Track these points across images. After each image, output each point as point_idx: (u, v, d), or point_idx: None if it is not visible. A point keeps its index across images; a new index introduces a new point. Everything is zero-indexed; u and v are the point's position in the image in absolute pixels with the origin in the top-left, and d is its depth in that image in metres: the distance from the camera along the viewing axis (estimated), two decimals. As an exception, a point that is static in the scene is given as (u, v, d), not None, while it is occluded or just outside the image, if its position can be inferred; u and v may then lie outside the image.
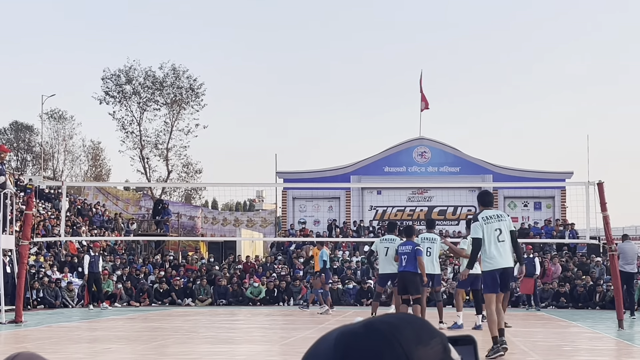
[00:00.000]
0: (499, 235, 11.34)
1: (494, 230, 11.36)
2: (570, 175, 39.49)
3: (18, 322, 18.11)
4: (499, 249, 11.34)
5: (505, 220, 11.57)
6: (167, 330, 17.10)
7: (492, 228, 11.36)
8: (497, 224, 11.39)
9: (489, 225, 11.38)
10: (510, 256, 11.54)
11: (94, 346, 13.08)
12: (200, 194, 64.78)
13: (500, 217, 11.54)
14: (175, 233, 40.36)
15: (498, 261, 11.34)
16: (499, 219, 11.49)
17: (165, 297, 29.89)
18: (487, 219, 11.42)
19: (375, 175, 41.05)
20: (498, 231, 11.35)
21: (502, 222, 11.45)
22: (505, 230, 11.42)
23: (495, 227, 11.37)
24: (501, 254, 11.34)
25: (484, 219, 11.42)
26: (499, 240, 11.33)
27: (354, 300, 29.83)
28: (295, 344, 13.44)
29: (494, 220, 11.42)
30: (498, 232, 11.35)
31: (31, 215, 19.27)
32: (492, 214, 11.55)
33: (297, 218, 41.63)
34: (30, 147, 72.47)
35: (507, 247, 11.41)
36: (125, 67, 54.44)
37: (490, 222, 11.39)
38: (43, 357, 1.33)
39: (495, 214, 11.58)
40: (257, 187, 67.85)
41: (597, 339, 15.52)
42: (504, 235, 11.37)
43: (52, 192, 40.05)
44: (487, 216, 11.47)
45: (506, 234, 11.41)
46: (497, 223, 11.40)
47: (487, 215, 11.50)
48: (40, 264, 28.77)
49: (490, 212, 11.61)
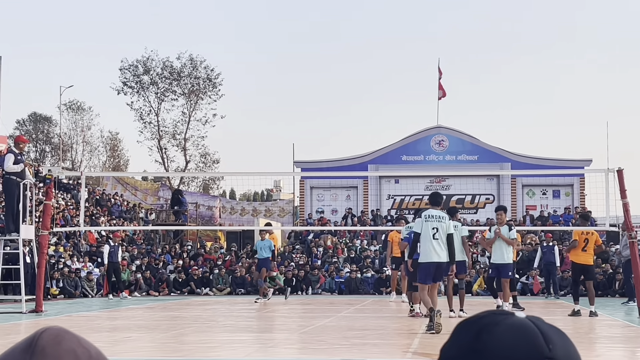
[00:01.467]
0: (434, 233, 12.96)
1: (431, 228, 12.98)
2: (589, 162, 39.24)
3: (38, 311, 18.23)
4: (433, 245, 12.96)
5: (444, 222, 13.13)
6: (186, 319, 17.16)
7: (430, 226, 13.00)
8: (435, 224, 13.02)
9: (428, 223, 13.04)
10: (443, 253, 13.04)
11: (114, 335, 13.15)
12: (218, 184, 64.95)
13: (440, 219, 13.11)
14: (193, 223, 40.45)
15: (432, 255, 12.98)
16: (439, 220, 13.08)
17: (184, 287, 30.01)
18: (427, 217, 13.10)
19: (393, 164, 40.97)
20: (435, 230, 12.97)
21: (440, 223, 13.06)
22: (442, 230, 13.02)
23: (433, 225, 13.00)
24: (435, 250, 12.96)
25: (425, 217, 13.14)
26: (434, 237, 12.97)
27: (372, 290, 29.85)
28: (314, 332, 13.45)
29: (433, 220, 13.04)
30: (435, 231, 12.97)
31: (50, 205, 19.36)
32: (434, 214, 13.13)
33: (314, 207, 41.65)
34: (48, 138, 72.79)
35: (440, 244, 13.01)
36: (143, 58, 54.64)
37: (429, 221, 13.05)
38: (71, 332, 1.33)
39: (436, 215, 13.14)
40: (275, 176, 67.91)
41: (617, 327, 15.45)
42: (439, 234, 12.98)
43: (70, 183, 40.24)
44: (429, 215, 13.14)
45: (442, 233, 13.01)
46: (435, 223, 13.02)
47: (429, 214, 13.15)
48: (60, 254, 28.93)
49: (434, 212, 13.19)
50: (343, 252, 33.85)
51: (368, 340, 12.31)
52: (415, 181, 39.93)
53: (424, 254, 12.99)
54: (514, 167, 39.40)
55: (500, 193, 40.47)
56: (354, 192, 41.89)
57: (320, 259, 33.01)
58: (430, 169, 39.91)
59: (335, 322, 15.88)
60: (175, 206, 39.60)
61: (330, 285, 30.36)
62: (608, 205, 18.46)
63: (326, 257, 33.12)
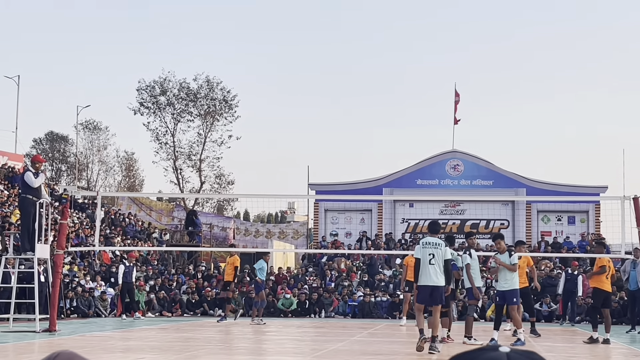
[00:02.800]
0: (431, 259, 13.96)
1: (427, 254, 13.98)
2: (604, 189, 39.12)
3: (52, 331, 18.26)
4: (429, 270, 13.96)
5: (440, 249, 14.03)
6: (199, 340, 17.14)
7: (427, 252, 14.00)
8: (431, 250, 13.98)
9: (425, 249, 14.03)
10: (439, 277, 13.97)
11: (127, 356, 13.15)
12: (233, 205, 65.04)
13: (436, 245, 14.03)
14: (207, 244, 40.49)
15: (428, 279, 13.97)
16: (435, 246, 14.02)
17: (197, 308, 30.00)
18: (425, 244, 14.07)
19: (407, 187, 40.93)
20: (431, 255, 13.96)
21: (436, 249, 14.00)
22: (438, 256, 13.96)
23: (429, 252, 13.99)
24: (431, 274, 13.94)
25: (423, 243, 14.14)
26: (430, 262, 13.96)
27: (385, 314, 29.75)
28: (327, 357, 13.42)
29: (430, 246, 14.01)
30: (431, 257, 13.95)
31: (66, 225, 19.44)
32: (431, 241, 14.08)
33: (328, 230, 41.62)
34: (65, 157, 73.20)
35: (437, 269, 13.95)
36: (160, 79, 54.92)
37: (426, 247, 14.03)
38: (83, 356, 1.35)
39: (433, 242, 14.08)
40: (290, 198, 67.96)
41: (633, 356, 15.34)
42: (435, 259, 13.94)
43: (85, 202, 40.38)
44: (426, 242, 14.11)
45: (439, 259, 13.95)
46: (431, 249, 13.98)
47: (427, 241, 14.11)
48: (74, 274, 29.00)
49: (431, 239, 14.13)
50: (357, 275, 33.78)
51: (381, 365, 12.26)
52: (430, 205, 39.87)
53: (421, 277, 14.04)
54: (529, 193, 39.29)
55: (515, 219, 40.35)
56: (368, 216, 41.85)
57: (334, 281, 32.94)
58: (445, 194, 39.84)
59: (348, 346, 15.84)
60: (189, 227, 39.67)
61: (344, 309, 30.29)
62: (624, 232, 18.38)
63: (339, 280, 33.05)
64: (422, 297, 14.24)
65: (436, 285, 13.98)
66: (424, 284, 14.03)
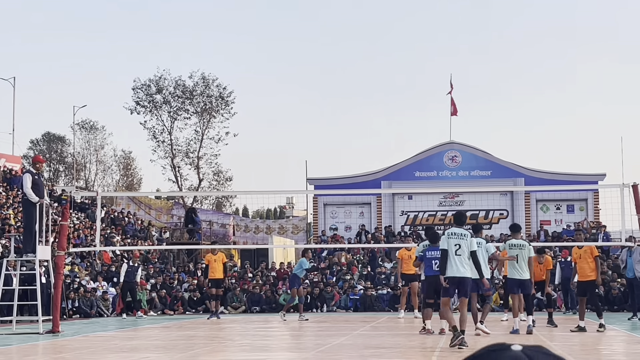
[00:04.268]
0: (457, 249, 13.66)
1: (453, 244, 13.68)
2: (603, 177, 39.16)
3: (55, 332, 18.27)
4: (455, 260, 13.65)
5: (466, 239, 13.77)
6: (202, 338, 17.17)
7: (453, 243, 13.70)
8: (457, 240, 13.69)
9: (451, 240, 13.72)
10: (465, 268, 13.67)
11: (132, 355, 13.17)
12: (231, 202, 65.05)
13: (462, 236, 13.75)
14: (207, 241, 40.49)
15: (454, 270, 13.63)
16: (461, 237, 13.74)
17: (199, 305, 30.03)
18: (450, 235, 13.78)
19: (406, 180, 40.98)
20: (457, 246, 13.66)
21: (462, 240, 13.73)
22: (465, 247, 13.68)
23: (455, 242, 13.70)
24: (457, 265, 13.63)
25: (448, 234, 13.84)
26: (456, 254, 13.66)
27: (387, 307, 29.79)
28: (331, 351, 13.45)
29: (455, 237, 13.72)
30: (457, 247, 13.66)
31: (67, 226, 19.44)
32: (457, 232, 13.81)
33: (328, 224, 41.67)
34: (62, 158, 73.20)
35: (462, 260, 13.65)
36: (155, 77, 54.84)
37: (452, 238, 13.73)
38: None
39: (459, 232, 13.80)
40: (289, 194, 67.96)
41: (635, 343, 15.40)
42: (462, 250, 13.66)
43: (85, 202, 40.38)
44: (451, 232, 13.84)
45: (465, 250, 13.67)
46: (457, 240, 13.70)
47: (452, 232, 13.85)
48: (75, 274, 29.02)
49: (456, 230, 13.89)
50: (357, 269, 33.82)
51: (385, 358, 12.30)
52: (429, 197, 39.91)
53: (448, 269, 13.66)
54: (528, 182, 39.36)
55: (514, 208, 40.41)
56: (367, 209, 41.89)
57: (335, 276, 32.98)
58: (443, 185, 39.89)
59: (351, 340, 15.87)
60: (189, 224, 39.69)
61: (345, 303, 30.34)
62: (624, 219, 18.45)
63: (340, 274, 33.10)
64: (449, 289, 13.91)
65: (463, 276, 13.68)
66: (451, 275, 13.68)
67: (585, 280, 17.63)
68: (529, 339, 15.64)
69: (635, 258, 22.95)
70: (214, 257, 25.89)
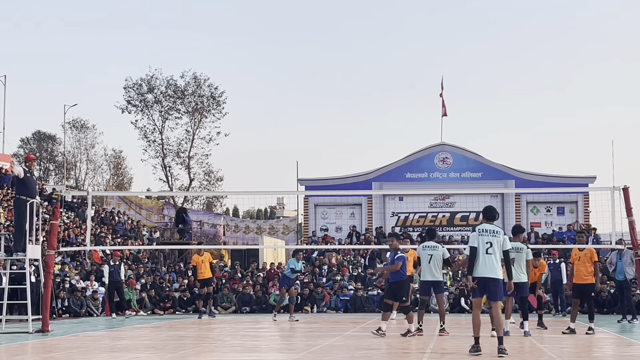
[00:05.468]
0: (488, 248, 12.68)
1: (485, 242, 12.70)
2: (593, 179, 39.30)
3: (45, 331, 18.22)
4: (485, 260, 12.65)
5: (499, 237, 12.79)
6: (192, 338, 17.14)
7: (484, 240, 12.71)
8: (489, 238, 12.72)
9: (482, 237, 12.75)
10: (496, 268, 12.67)
11: (122, 355, 13.14)
12: (222, 202, 65.01)
13: (494, 233, 12.79)
14: (197, 241, 40.42)
15: (482, 270, 12.66)
16: (493, 234, 12.77)
17: (189, 305, 29.98)
18: (482, 232, 12.80)
19: (397, 181, 41.04)
20: (488, 244, 12.69)
21: (494, 237, 12.75)
22: (497, 245, 12.71)
23: (486, 240, 12.72)
24: (486, 265, 12.64)
25: (479, 231, 12.84)
26: (487, 252, 12.67)
27: (377, 308, 29.78)
28: (321, 352, 13.45)
29: (487, 234, 12.76)
30: (488, 245, 12.69)
31: (57, 225, 19.39)
32: (488, 228, 12.82)
33: (319, 225, 41.70)
34: (52, 157, 73.05)
35: (494, 259, 12.66)
36: (147, 76, 54.81)
37: (483, 235, 12.76)
38: None
39: (491, 229, 12.83)
40: (279, 194, 67.98)
41: (625, 345, 15.43)
42: (493, 249, 12.68)
43: (74, 201, 40.27)
44: (483, 229, 12.83)
45: (497, 248, 12.71)
46: (489, 237, 12.73)
47: (484, 228, 12.84)
48: (65, 273, 28.95)
49: (488, 226, 12.87)
50: (348, 270, 33.81)
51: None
52: (420, 199, 40.02)
53: (477, 268, 12.71)
54: (518, 185, 39.48)
55: (505, 210, 40.49)
56: (358, 210, 41.94)
57: (325, 276, 32.97)
58: (434, 187, 40.00)
59: (342, 341, 15.87)
60: (179, 224, 39.64)
61: (336, 303, 30.32)
62: (614, 222, 18.49)
63: (331, 274, 33.10)
64: (479, 290, 12.90)
65: (494, 277, 12.62)
66: (481, 275, 12.67)
67: (581, 283, 17.72)
68: (524, 341, 15.66)
69: (626, 261, 23.07)
70: (201, 257, 25.99)
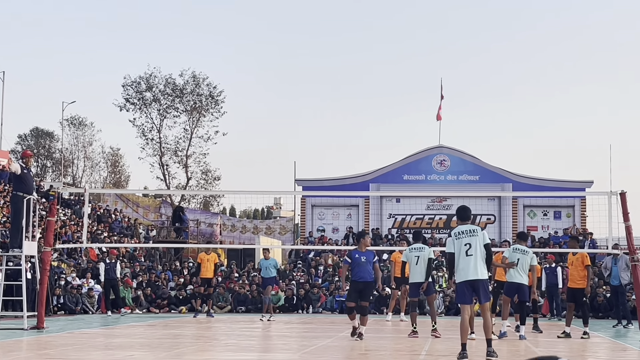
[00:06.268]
0: (468, 249, 12.22)
1: (463, 244, 12.26)
2: (590, 184, 39.32)
3: (40, 328, 18.21)
4: (467, 262, 12.18)
5: (477, 235, 12.34)
6: (188, 337, 17.14)
7: (462, 243, 12.28)
8: (467, 239, 12.28)
9: (459, 240, 12.33)
10: (479, 269, 12.22)
11: (116, 353, 13.13)
12: (219, 201, 64.99)
13: (472, 233, 12.35)
14: (194, 240, 40.44)
15: (467, 274, 12.19)
16: (471, 234, 12.33)
17: (184, 304, 29.96)
18: (458, 234, 12.38)
19: (394, 183, 41.04)
20: (467, 246, 12.24)
21: (473, 237, 12.30)
22: (477, 244, 12.25)
23: (465, 242, 12.28)
24: (470, 267, 12.16)
25: (455, 234, 12.42)
26: (467, 254, 12.20)
27: (372, 309, 29.77)
28: (316, 353, 13.45)
29: (464, 235, 12.32)
30: (467, 247, 12.23)
31: (54, 222, 19.37)
32: (465, 229, 12.39)
33: (315, 225, 41.69)
34: (50, 154, 72.95)
35: (476, 260, 12.19)
36: (145, 75, 54.85)
37: (460, 237, 12.33)
38: None
39: (467, 229, 12.39)
40: (277, 194, 67.94)
41: (620, 350, 15.45)
42: (474, 249, 12.21)
43: (72, 199, 40.24)
44: (459, 231, 12.40)
45: (478, 248, 12.23)
46: (467, 238, 12.29)
47: (460, 230, 12.41)
48: (61, 270, 28.92)
49: (464, 227, 12.46)
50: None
51: (371, 361, 12.29)
52: (417, 201, 40.06)
53: (458, 272, 12.26)
54: (516, 188, 39.49)
55: (502, 213, 40.52)
56: (355, 211, 41.94)
57: (321, 277, 32.98)
58: (431, 189, 40.02)
59: (337, 342, 15.87)
60: (176, 223, 39.63)
61: (331, 304, 30.32)
62: (611, 227, 18.51)
63: (327, 275, 33.10)
64: (460, 295, 12.51)
65: (477, 279, 12.13)
66: (462, 279, 12.20)
67: (574, 287, 17.75)
68: (519, 345, 15.67)
69: (621, 266, 23.09)
70: (207, 256, 26.08)
